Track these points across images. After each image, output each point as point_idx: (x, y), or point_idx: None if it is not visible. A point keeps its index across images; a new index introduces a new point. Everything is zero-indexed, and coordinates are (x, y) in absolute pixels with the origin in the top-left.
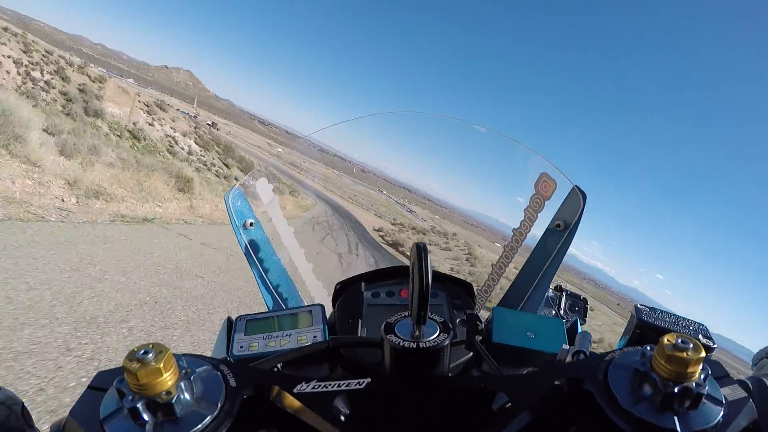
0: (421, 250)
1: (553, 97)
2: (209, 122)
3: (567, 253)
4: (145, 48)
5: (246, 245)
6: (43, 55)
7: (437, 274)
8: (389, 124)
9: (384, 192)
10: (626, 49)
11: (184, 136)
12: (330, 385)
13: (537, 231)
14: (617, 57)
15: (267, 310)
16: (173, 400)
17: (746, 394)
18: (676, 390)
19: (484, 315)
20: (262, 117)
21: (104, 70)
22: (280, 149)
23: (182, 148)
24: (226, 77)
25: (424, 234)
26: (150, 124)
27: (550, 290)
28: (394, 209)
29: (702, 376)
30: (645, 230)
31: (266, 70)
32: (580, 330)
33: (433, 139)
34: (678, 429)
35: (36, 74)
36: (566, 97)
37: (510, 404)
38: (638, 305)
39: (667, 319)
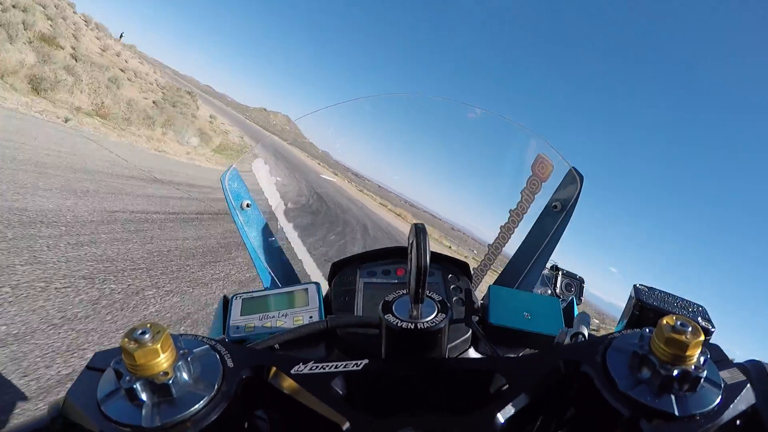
0: (419, 230)
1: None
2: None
3: (563, 233)
4: (247, 93)
5: (242, 225)
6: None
7: (434, 254)
8: (380, 109)
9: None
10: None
11: None
12: (327, 366)
13: (534, 212)
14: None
15: (263, 288)
16: (170, 381)
17: (745, 378)
18: (674, 373)
19: (480, 294)
20: (356, 170)
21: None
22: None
23: None
24: (325, 129)
25: None
26: None
27: (546, 269)
28: None
29: (701, 360)
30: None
31: (363, 126)
32: (576, 310)
33: (426, 123)
34: (676, 412)
35: None
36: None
37: (508, 386)
38: (637, 285)
39: (667, 300)
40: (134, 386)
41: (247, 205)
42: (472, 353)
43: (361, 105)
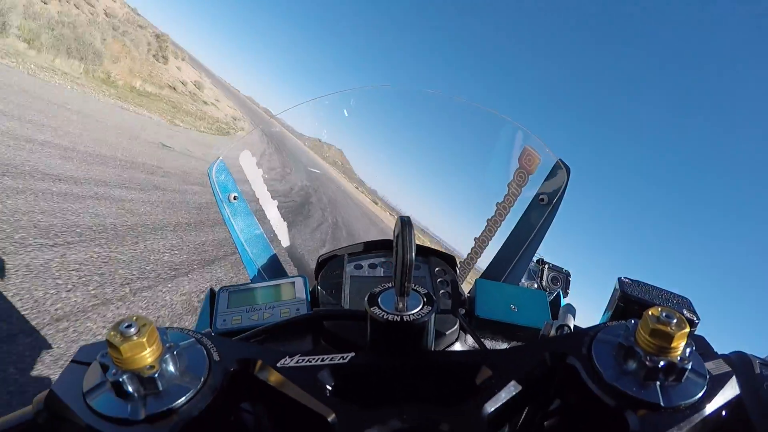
0: (405, 223)
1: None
2: None
3: (550, 227)
4: (304, 123)
5: (229, 218)
6: None
7: (420, 247)
8: (364, 101)
9: None
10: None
11: None
12: (314, 359)
13: (521, 205)
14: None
15: (250, 282)
16: (156, 374)
17: (730, 369)
18: (660, 364)
19: (467, 287)
20: (388, 202)
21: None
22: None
23: None
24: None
25: None
26: None
27: (533, 263)
28: None
29: (686, 351)
30: None
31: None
32: (563, 303)
33: (410, 116)
34: (661, 403)
35: None
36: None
37: (494, 378)
38: (621, 278)
39: (651, 293)
40: (120, 379)
41: (234, 198)
42: (459, 346)
43: (343, 98)
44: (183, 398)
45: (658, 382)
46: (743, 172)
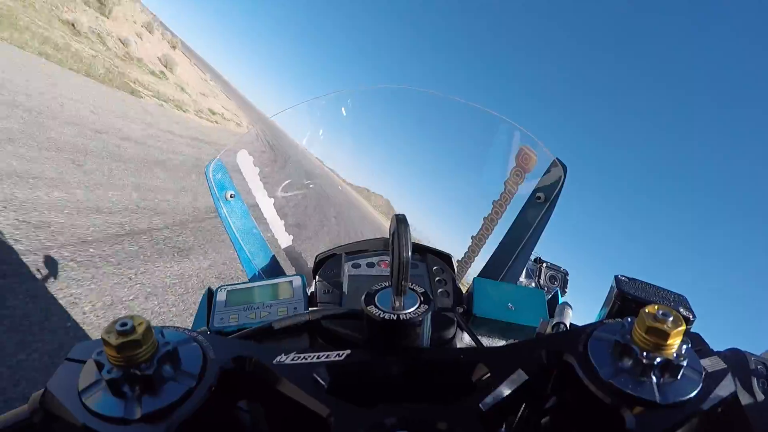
0: (400, 221)
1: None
2: None
3: (547, 225)
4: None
5: (226, 217)
6: None
7: (417, 246)
8: (361, 102)
9: None
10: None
11: None
12: (309, 356)
13: (518, 203)
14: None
15: (247, 281)
16: (152, 372)
17: (725, 366)
18: (656, 361)
19: (464, 286)
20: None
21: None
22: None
23: None
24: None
25: None
26: None
27: (531, 261)
28: None
29: (682, 348)
30: None
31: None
32: (560, 301)
33: (409, 115)
34: (657, 400)
35: None
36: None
37: (490, 376)
38: (618, 276)
39: (648, 291)
40: (115, 377)
41: (231, 196)
42: (456, 344)
43: (341, 99)
44: (179, 397)
45: (654, 380)
46: (740, 171)
